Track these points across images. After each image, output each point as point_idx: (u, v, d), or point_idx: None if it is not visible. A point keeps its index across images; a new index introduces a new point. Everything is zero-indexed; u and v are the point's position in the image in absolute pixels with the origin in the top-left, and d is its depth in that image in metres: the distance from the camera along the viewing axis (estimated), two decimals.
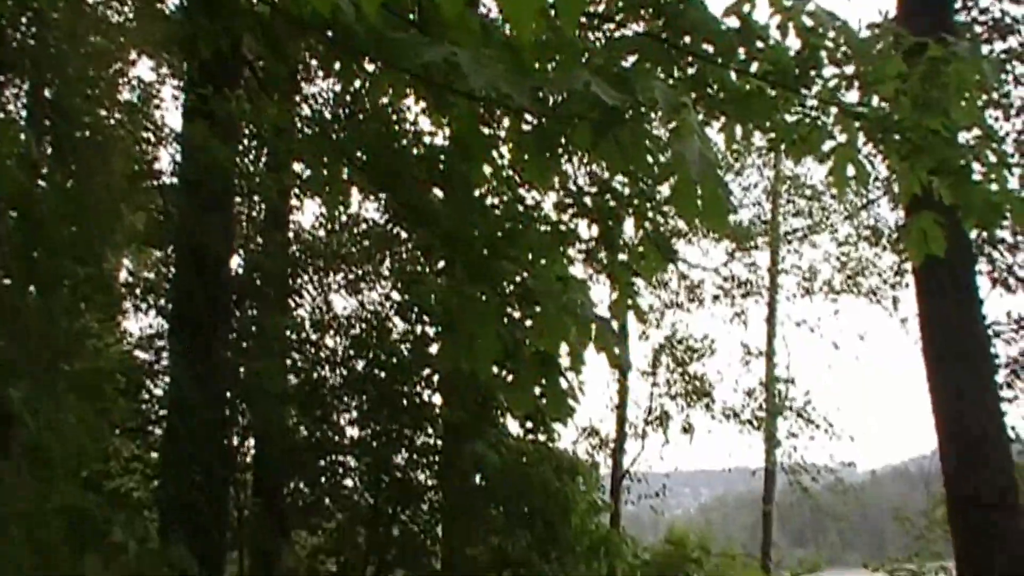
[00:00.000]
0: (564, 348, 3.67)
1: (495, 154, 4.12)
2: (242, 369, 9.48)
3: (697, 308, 20.69)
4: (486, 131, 3.98)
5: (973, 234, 9.85)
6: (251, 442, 10.41)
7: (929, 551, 15.61)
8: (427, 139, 6.08)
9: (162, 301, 9.96)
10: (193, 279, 8.83)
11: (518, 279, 4.01)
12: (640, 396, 18.99)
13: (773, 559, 19.86)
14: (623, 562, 10.87)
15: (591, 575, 10.26)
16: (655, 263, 4.89)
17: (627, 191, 5.28)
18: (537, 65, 3.40)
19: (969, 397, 8.57)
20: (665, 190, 4.21)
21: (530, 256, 4.07)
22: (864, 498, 32.40)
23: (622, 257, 5.01)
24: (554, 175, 4.12)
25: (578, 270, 10.55)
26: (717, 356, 19.78)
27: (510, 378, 3.88)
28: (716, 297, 20.81)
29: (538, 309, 3.81)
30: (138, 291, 10.21)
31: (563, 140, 3.62)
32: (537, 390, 3.84)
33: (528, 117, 3.48)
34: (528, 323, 3.97)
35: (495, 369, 3.90)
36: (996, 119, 11.28)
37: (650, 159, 3.42)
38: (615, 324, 4.18)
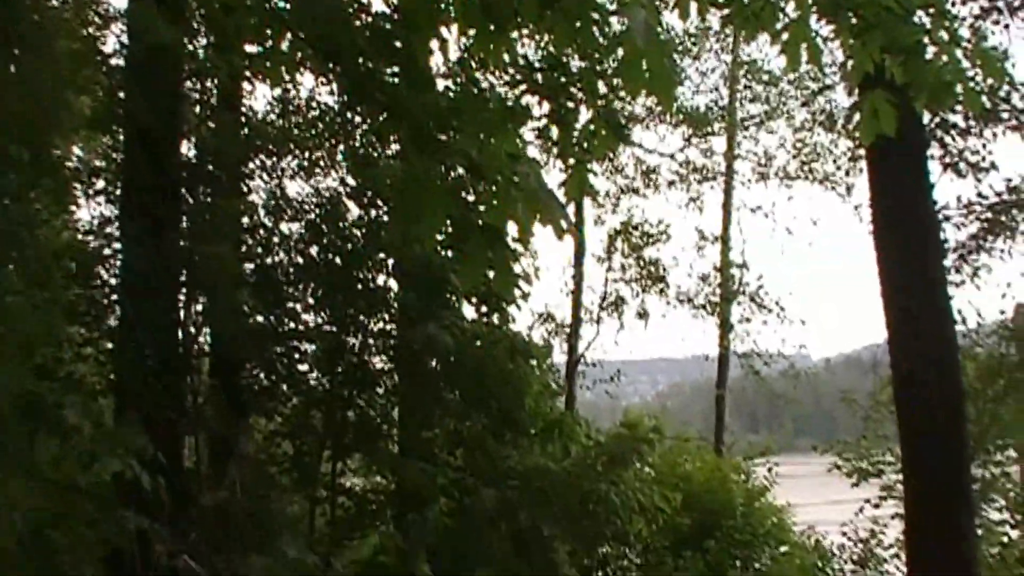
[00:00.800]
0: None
1: (443, 29, 4.06)
2: (196, 257, 9.40)
3: (653, 194, 20.78)
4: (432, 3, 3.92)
5: (925, 119, 9.89)
6: (206, 328, 10.39)
7: (876, 433, 15.98)
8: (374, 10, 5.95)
9: (112, 187, 9.82)
10: (143, 163, 8.72)
11: (467, 154, 3.97)
12: (595, 282, 19.17)
13: (726, 443, 20.30)
14: (577, 444, 11.04)
15: (545, 456, 10.42)
16: (606, 141, 4.86)
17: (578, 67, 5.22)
18: None
19: (916, 280, 8.69)
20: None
21: (481, 136, 4.04)
22: (817, 385, 33.06)
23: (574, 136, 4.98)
24: (503, 49, 4.07)
25: (534, 154, 10.54)
26: (672, 242, 19.96)
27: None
28: (672, 183, 20.88)
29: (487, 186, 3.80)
30: (87, 177, 10.07)
31: (511, 11, 3.57)
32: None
33: None
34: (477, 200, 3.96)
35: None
36: (953, 3, 11.24)
37: (597, 31, 3.38)
38: (568, 205, 4.18)
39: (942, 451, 8.37)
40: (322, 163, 11.19)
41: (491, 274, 3.91)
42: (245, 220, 10.37)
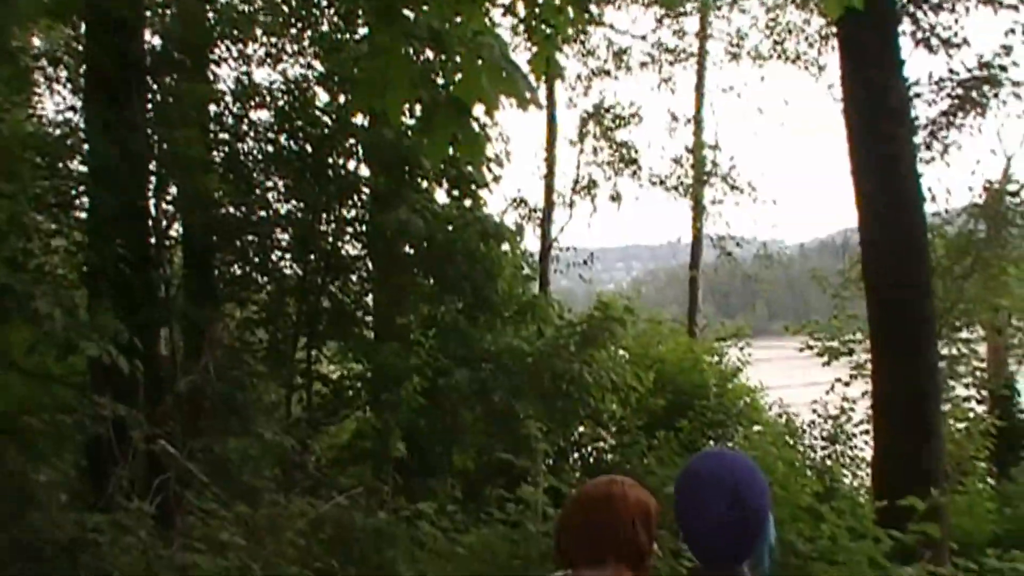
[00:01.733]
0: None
1: None
2: (163, 144, 9.30)
3: (624, 75, 20.58)
4: None
5: None
6: (179, 218, 10.33)
7: (846, 313, 16.19)
8: None
9: (75, 76, 9.66)
10: (106, 52, 8.57)
11: (433, 29, 3.94)
12: (568, 167, 19.09)
13: (699, 326, 20.52)
14: (550, 325, 11.13)
15: (519, 338, 10.51)
16: (571, 16, 4.82)
17: None
18: None
19: (886, 157, 8.71)
20: None
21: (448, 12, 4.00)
22: (791, 269, 33.25)
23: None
24: None
25: (505, 36, 10.37)
26: (644, 124, 19.84)
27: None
28: (644, 64, 20.67)
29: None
30: (49, 66, 9.90)
31: None
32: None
33: None
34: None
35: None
36: None
37: None
38: (539, 85, 4.16)
39: (909, 327, 8.48)
40: (289, 49, 11.03)
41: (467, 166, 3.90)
42: (212, 108, 10.23)
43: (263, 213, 10.50)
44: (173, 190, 9.82)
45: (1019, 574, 6.09)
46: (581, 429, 11.25)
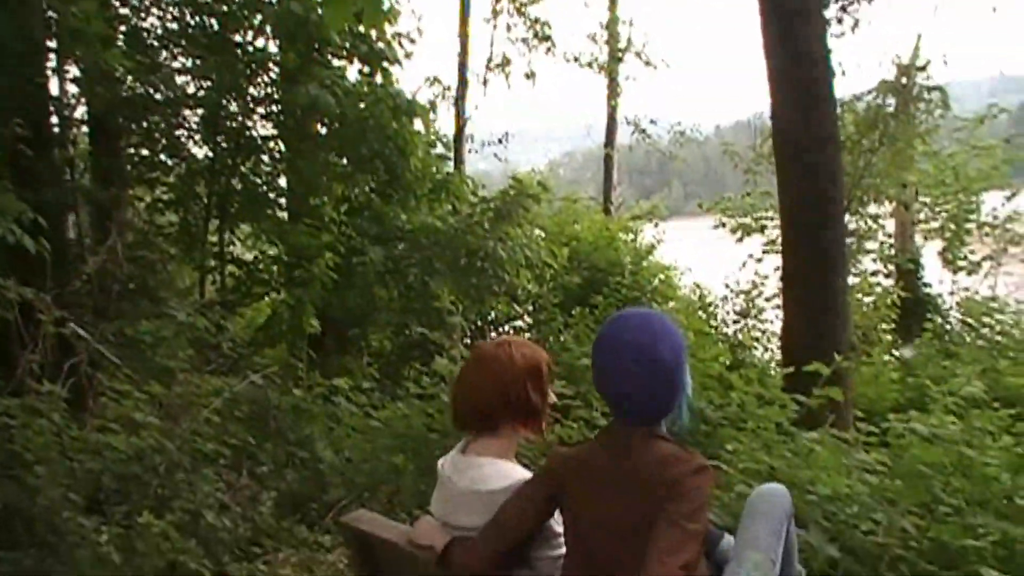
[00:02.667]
0: None
1: None
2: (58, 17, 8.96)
3: None
4: None
5: None
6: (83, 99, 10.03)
7: (760, 190, 16.39)
8: None
9: None
10: None
11: None
12: (483, 46, 18.86)
13: (615, 204, 20.61)
14: (464, 203, 11.10)
15: (433, 215, 10.48)
16: None
17: None
18: None
19: (796, 29, 8.69)
20: None
21: None
22: (708, 151, 33.49)
23: None
24: None
25: None
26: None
27: None
28: None
29: None
30: None
31: None
32: None
33: None
34: None
35: None
36: None
37: None
38: None
39: (816, 201, 8.59)
40: None
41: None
42: None
43: (169, 92, 10.23)
44: (76, 70, 9.54)
45: (913, 432, 6.31)
46: (496, 304, 11.25)
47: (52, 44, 9.17)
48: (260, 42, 10.43)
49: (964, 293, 16.64)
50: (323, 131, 10.66)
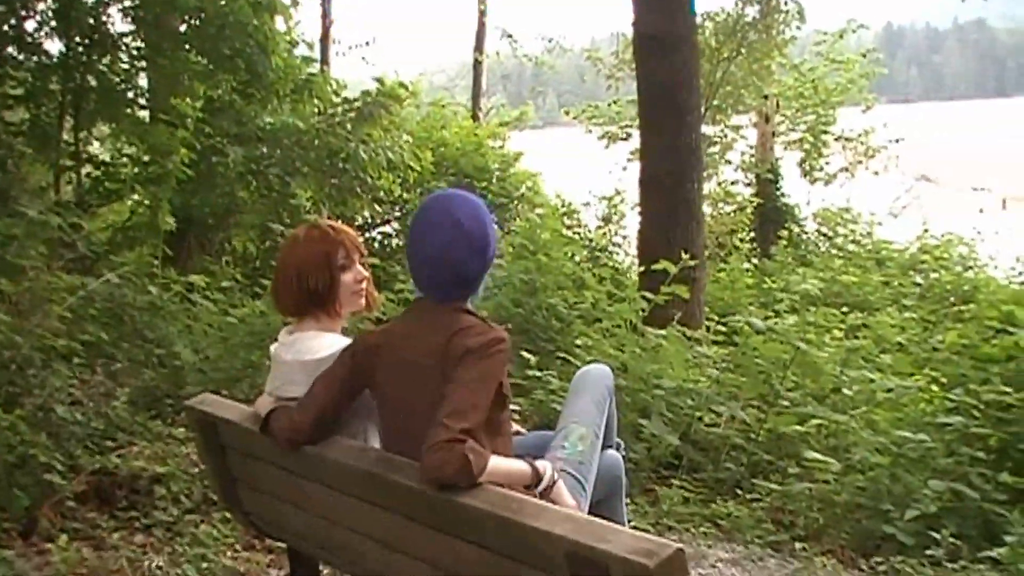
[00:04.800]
0: None
1: None
2: None
3: None
4: None
5: None
6: None
7: (628, 99, 16.60)
8: None
9: None
10: None
11: None
12: None
13: (483, 110, 20.61)
14: (327, 103, 10.99)
15: (295, 116, 10.34)
16: None
17: None
18: None
19: None
20: None
21: None
22: (582, 64, 33.74)
23: None
24: None
25: None
26: None
27: None
28: None
29: None
30: None
31: None
32: None
33: None
34: None
35: None
36: None
37: None
38: None
39: (673, 107, 8.77)
40: None
41: None
42: None
43: None
44: None
45: (753, 325, 6.63)
46: (357, 204, 11.18)
47: None
48: None
49: (820, 204, 17.21)
50: (183, 28, 10.41)
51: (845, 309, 8.35)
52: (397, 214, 13.30)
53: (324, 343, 2.91)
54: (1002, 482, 4.85)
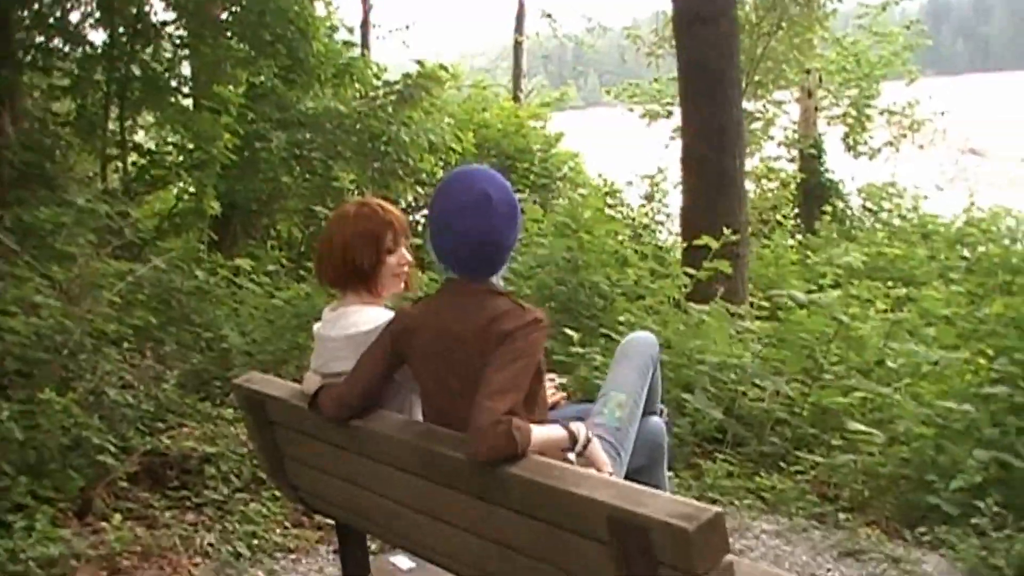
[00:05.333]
0: None
1: None
2: None
3: None
4: None
5: None
6: None
7: (669, 77, 16.51)
8: None
9: None
10: None
11: None
12: None
13: (525, 91, 20.62)
14: (368, 87, 11.04)
15: (336, 100, 10.41)
16: None
17: None
18: None
19: None
20: None
21: None
22: (623, 44, 33.62)
23: None
24: None
25: None
26: None
27: None
28: None
29: None
30: None
31: None
32: None
33: None
34: None
35: None
36: None
37: None
38: None
39: (713, 80, 8.74)
40: None
41: None
42: None
43: None
44: None
45: (796, 299, 6.61)
46: (399, 186, 11.19)
47: None
48: None
49: (865, 179, 17.03)
50: (224, 16, 10.51)
51: (890, 284, 8.27)
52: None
53: (369, 316, 2.94)
54: None
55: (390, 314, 2.90)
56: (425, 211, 13.49)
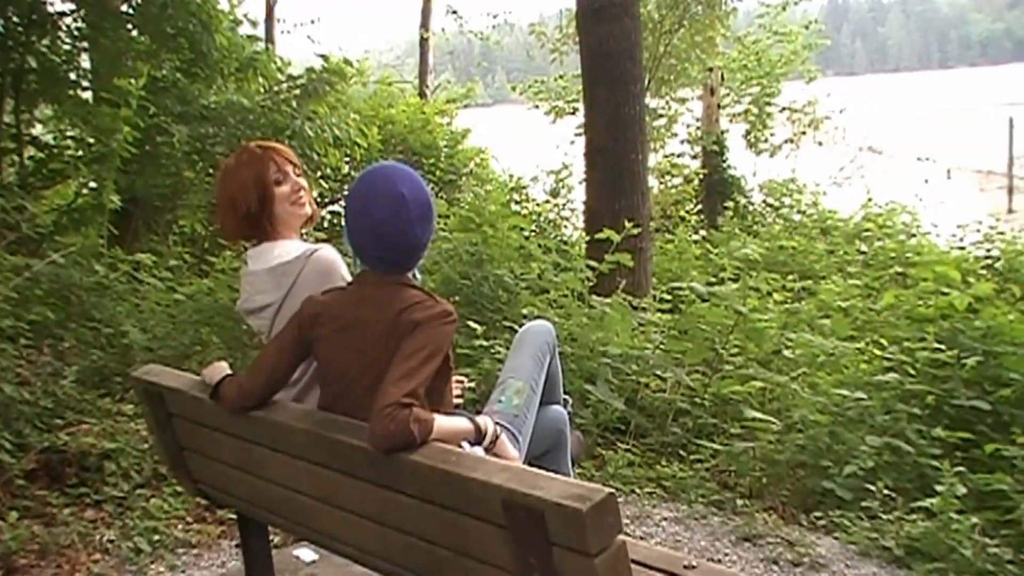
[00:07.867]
0: None
1: None
2: None
3: None
4: None
5: None
6: None
7: (573, 73, 16.63)
8: None
9: None
10: None
11: None
12: None
13: (431, 87, 20.60)
14: (273, 79, 10.95)
15: (241, 94, 10.29)
16: None
17: None
18: None
19: None
20: None
21: None
22: (529, 42, 33.79)
23: None
24: None
25: None
26: None
27: None
28: None
29: None
30: None
31: None
32: None
33: None
34: None
35: None
36: None
37: None
38: None
39: (616, 79, 8.84)
40: None
41: None
42: None
43: None
44: None
45: (696, 291, 6.74)
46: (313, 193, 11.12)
47: None
48: None
49: (766, 175, 17.33)
50: (124, 8, 10.34)
51: (790, 277, 8.47)
52: (346, 192, 13.25)
53: (290, 248, 2.98)
54: (936, 436, 5.02)
55: (308, 246, 2.93)
56: (331, 207, 13.47)
